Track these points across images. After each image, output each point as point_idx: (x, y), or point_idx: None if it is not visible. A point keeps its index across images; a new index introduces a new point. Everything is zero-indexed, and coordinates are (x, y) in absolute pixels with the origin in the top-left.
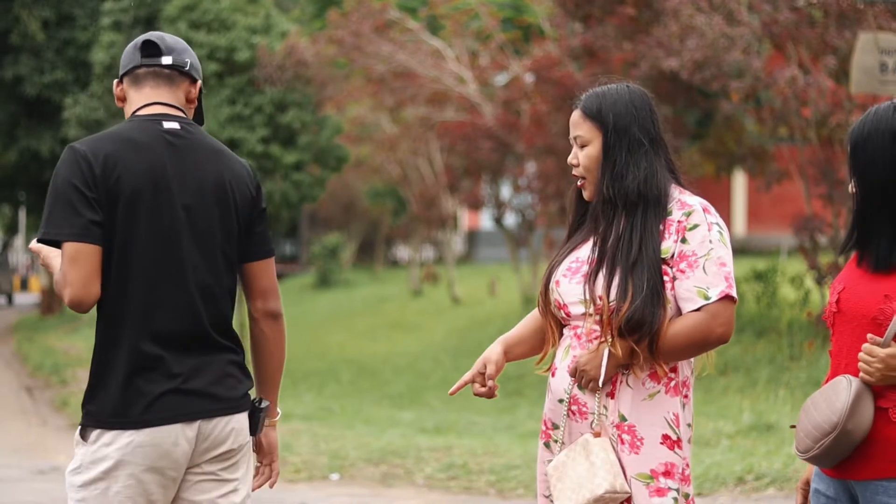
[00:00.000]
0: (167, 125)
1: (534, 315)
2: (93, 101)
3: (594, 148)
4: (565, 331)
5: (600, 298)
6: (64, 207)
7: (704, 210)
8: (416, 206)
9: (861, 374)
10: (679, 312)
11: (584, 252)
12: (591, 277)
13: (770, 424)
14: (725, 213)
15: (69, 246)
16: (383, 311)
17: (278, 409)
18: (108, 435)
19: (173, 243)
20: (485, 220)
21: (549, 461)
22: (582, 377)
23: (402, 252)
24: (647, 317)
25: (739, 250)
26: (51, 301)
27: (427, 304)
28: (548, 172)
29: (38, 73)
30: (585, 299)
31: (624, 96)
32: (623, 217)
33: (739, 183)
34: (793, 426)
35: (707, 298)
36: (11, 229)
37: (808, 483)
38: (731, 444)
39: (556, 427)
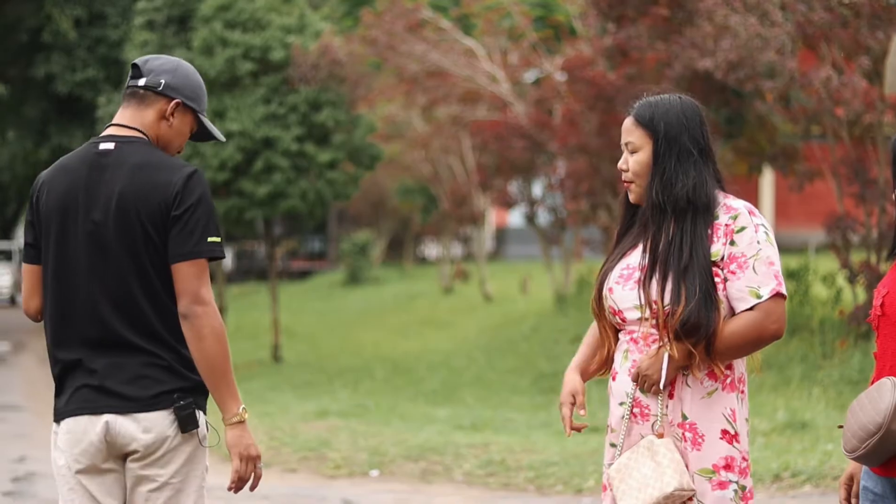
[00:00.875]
0: (102, 146)
1: (593, 331)
2: None
3: (644, 154)
4: (621, 336)
5: (655, 303)
6: (24, 232)
7: (749, 212)
8: (447, 204)
9: None
10: (732, 313)
11: (635, 258)
12: (644, 283)
13: (804, 422)
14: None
15: (23, 265)
16: (414, 308)
17: (237, 410)
18: (55, 426)
19: (78, 258)
20: (513, 218)
21: (611, 464)
22: (644, 381)
23: (431, 249)
24: (702, 320)
25: None
26: None
27: (458, 302)
28: (579, 171)
29: (70, 71)
30: (640, 304)
31: (675, 107)
32: (673, 223)
33: (767, 180)
34: (840, 426)
35: (759, 297)
36: None
37: (851, 478)
38: (767, 441)
39: (613, 430)
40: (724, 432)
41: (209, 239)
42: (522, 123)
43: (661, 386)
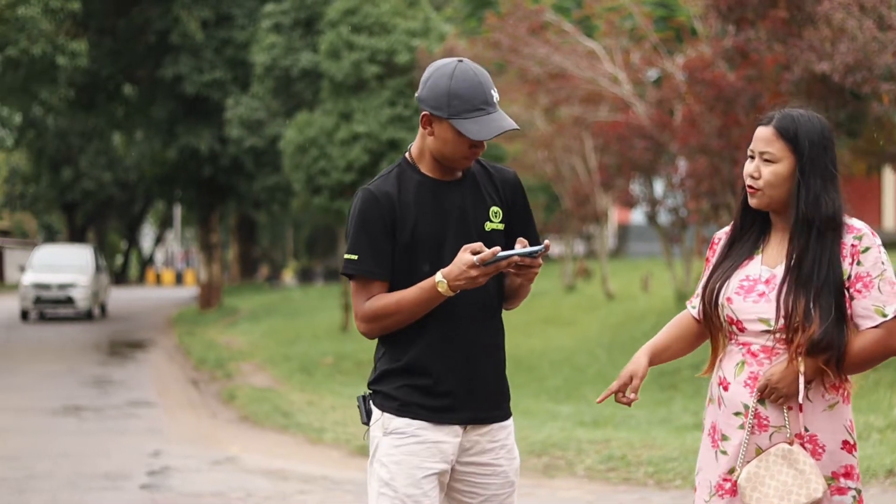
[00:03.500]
0: None
1: (679, 322)
2: (254, 102)
3: (784, 167)
4: (732, 346)
5: (787, 317)
6: None
7: (872, 233)
8: (570, 203)
9: None
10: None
11: (754, 269)
12: (782, 298)
13: None
14: (876, 209)
15: None
16: (536, 306)
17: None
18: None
19: None
20: (635, 215)
21: (730, 472)
22: (772, 393)
23: (554, 248)
24: (835, 339)
25: (889, 245)
26: (209, 295)
27: (581, 299)
28: (700, 171)
29: (198, 73)
30: (768, 318)
31: (816, 125)
32: (813, 240)
33: (889, 179)
34: None
35: (884, 315)
36: (164, 223)
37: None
38: (882, 437)
39: (725, 438)
40: (846, 443)
41: (345, 256)
42: (644, 124)
43: (800, 399)
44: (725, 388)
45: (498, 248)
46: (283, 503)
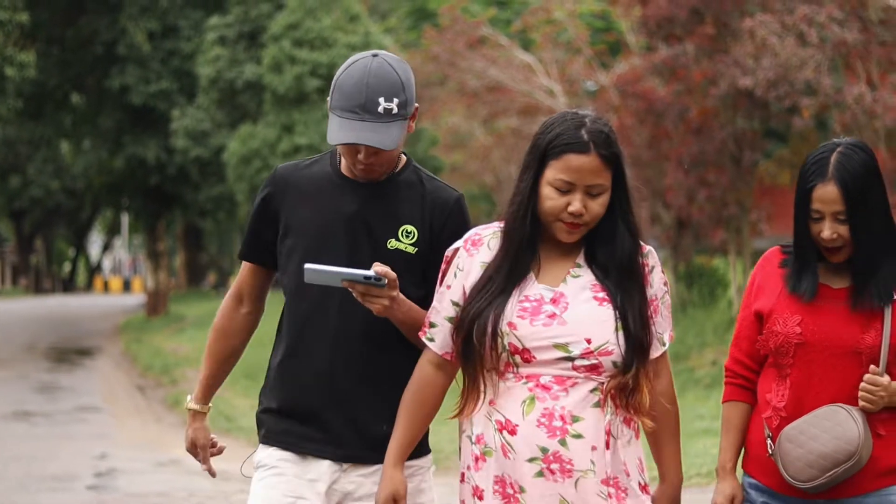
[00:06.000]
0: None
1: (421, 387)
2: (199, 113)
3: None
4: (510, 381)
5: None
6: None
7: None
8: None
9: (862, 402)
10: None
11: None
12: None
13: None
14: None
15: None
16: None
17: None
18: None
19: None
20: None
21: None
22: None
23: None
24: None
25: None
26: (156, 302)
27: None
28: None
29: (144, 83)
30: (564, 343)
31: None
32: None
33: None
34: (770, 455)
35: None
36: (112, 231)
37: (732, 500)
38: None
39: (522, 490)
40: (641, 485)
41: None
42: None
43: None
44: (512, 433)
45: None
46: (224, 502)
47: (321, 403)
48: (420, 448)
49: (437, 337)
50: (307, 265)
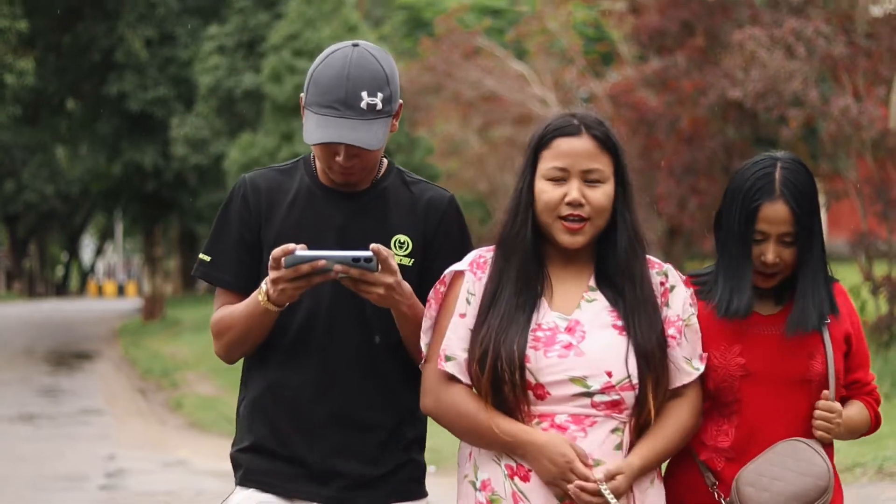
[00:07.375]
0: None
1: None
2: (198, 121)
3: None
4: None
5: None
6: None
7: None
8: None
9: (819, 432)
10: None
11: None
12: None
13: None
14: None
15: None
16: None
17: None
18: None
19: None
20: None
21: None
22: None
23: None
24: None
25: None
26: (153, 307)
27: None
28: None
29: (142, 90)
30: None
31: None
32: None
33: None
34: (728, 501)
35: None
36: (105, 235)
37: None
38: None
39: None
40: None
41: (200, 255)
42: None
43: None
44: (525, 479)
45: (293, 245)
46: None
47: (304, 440)
48: (418, 489)
49: (456, 371)
50: (297, 251)
